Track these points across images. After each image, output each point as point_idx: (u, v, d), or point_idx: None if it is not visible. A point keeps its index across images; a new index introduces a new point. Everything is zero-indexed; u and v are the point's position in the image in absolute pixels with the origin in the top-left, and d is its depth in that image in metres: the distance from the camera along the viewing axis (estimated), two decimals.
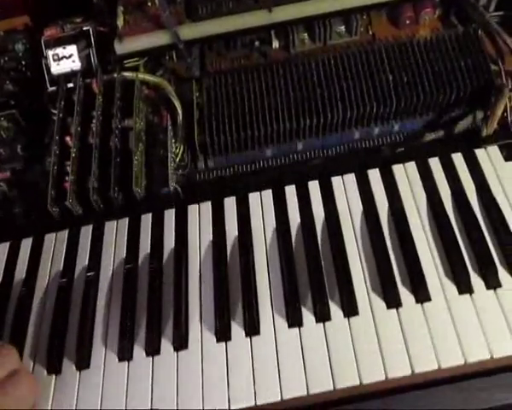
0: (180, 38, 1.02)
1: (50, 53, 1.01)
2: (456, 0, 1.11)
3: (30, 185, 1.02)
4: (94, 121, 0.96)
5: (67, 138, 0.96)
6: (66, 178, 0.93)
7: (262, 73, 1.03)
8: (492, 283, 0.86)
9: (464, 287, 0.86)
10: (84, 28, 1.04)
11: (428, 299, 0.86)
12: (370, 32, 1.14)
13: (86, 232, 0.98)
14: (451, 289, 0.86)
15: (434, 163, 1.00)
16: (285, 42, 1.13)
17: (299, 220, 0.96)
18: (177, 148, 1.00)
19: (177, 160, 1.00)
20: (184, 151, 1.02)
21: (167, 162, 0.97)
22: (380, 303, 0.86)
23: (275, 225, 0.96)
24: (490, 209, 0.93)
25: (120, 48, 1.03)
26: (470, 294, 0.86)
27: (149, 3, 1.06)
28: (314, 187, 0.99)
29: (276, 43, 1.13)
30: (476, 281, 0.86)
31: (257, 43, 1.13)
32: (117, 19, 1.04)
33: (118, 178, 0.94)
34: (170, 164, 0.96)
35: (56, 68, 1.02)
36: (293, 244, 0.93)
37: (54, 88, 1.04)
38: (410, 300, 0.86)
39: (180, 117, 1.01)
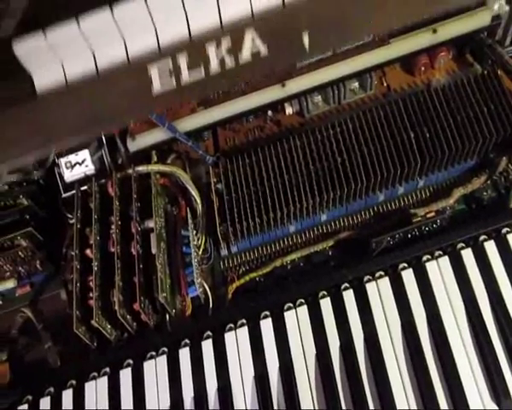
0: (189, 140, 1.00)
1: (63, 161, 0.99)
2: (472, 39, 1.07)
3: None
4: (113, 227, 0.93)
5: (87, 251, 0.93)
6: (91, 294, 0.88)
7: (279, 148, 1.00)
8: None
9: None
10: None
11: None
12: (385, 84, 1.11)
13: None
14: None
15: (467, 256, 0.93)
16: (299, 107, 1.10)
17: (338, 343, 0.91)
18: (198, 239, 0.97)
19: (200, 252, 0.98)
20: (206, 240, 0.99)
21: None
22: None
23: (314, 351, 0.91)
24: None
25: (133, 145, 1.01)
26: None
27: None
28: (349, 297, 0.94)
29: (289, 110, 1.10)
30: None
31: (270, 112, 1.10)
32: None
33: (143, 286, 0.89)
34: (194, 260, 0.92)
35: (70, 175, 0.99)
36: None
37: (69, 194, 1.01)
38: None
39: (200, 207, 0.99)
